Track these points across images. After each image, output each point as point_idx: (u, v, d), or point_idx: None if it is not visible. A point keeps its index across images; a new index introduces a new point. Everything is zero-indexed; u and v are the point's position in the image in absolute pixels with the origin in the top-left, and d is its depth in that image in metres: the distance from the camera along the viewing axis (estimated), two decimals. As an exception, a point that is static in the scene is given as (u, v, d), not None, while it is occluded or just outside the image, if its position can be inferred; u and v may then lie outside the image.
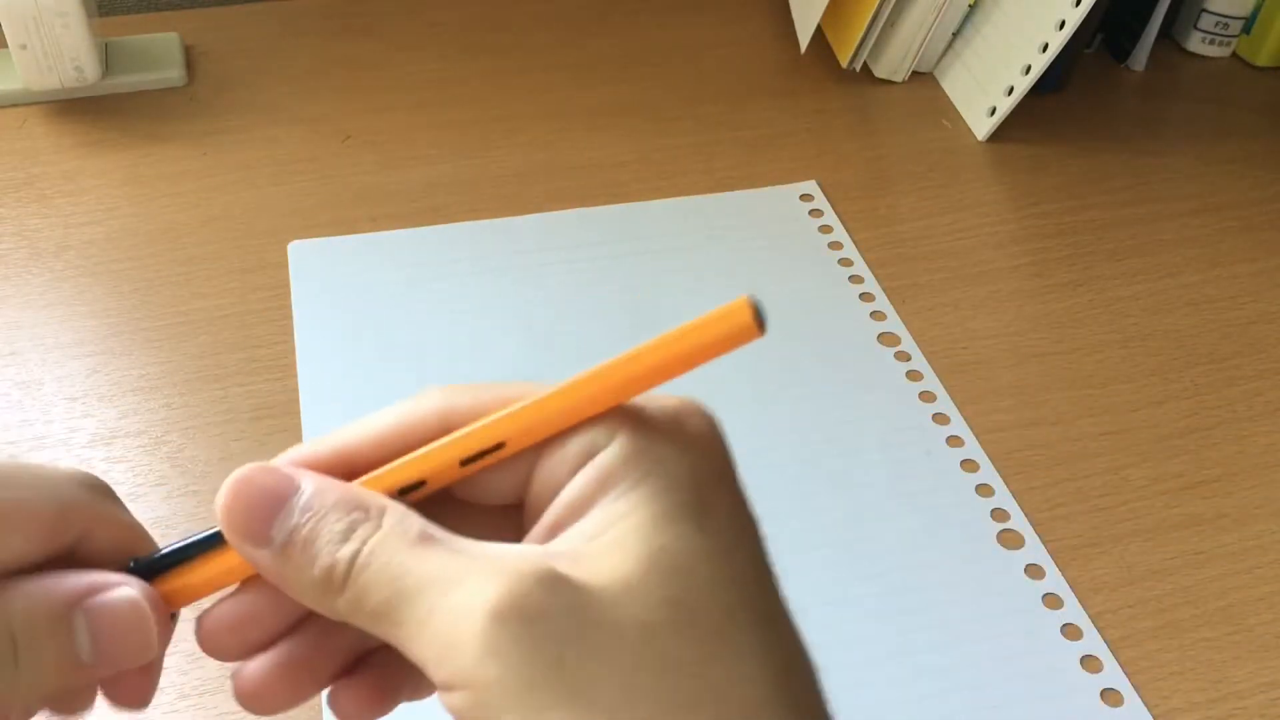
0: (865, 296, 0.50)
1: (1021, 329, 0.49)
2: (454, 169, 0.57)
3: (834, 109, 0.62)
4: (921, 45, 0.63)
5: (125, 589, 0.23)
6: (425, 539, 0.22)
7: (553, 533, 0.23)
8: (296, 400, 0.44)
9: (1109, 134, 0.62)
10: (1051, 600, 0.38)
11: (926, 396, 0.45)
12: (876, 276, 0.50)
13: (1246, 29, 0.67)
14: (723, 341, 0.23)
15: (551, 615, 0.20)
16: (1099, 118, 0.63)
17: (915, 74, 0.65)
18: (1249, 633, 0.37)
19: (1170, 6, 0.63)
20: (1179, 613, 0.38)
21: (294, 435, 0.42)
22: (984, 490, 0.41)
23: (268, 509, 0.22)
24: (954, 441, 0.43)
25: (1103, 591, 0.38)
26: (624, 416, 0.23)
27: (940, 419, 0.44)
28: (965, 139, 0.60)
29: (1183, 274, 0.52)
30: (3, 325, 0.47)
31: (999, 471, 0.42)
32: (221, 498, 0.22)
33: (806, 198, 0.54)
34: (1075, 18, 0.55)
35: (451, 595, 0.21)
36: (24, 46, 0.57)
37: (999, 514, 0.41)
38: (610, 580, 0.21)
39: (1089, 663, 0.36)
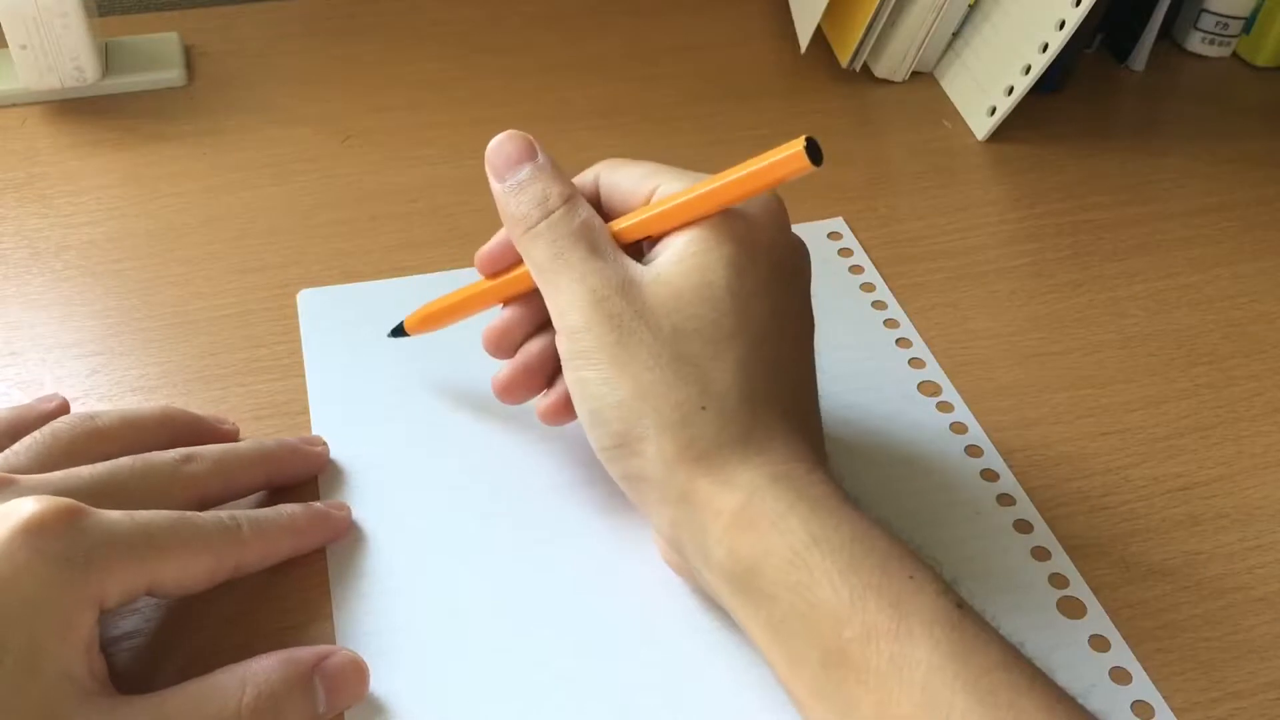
0: (865, 287, 0.50)
1: (1021, 329, 0.49)
2: (454, 169, 0.57)
3: (834, 109, 0.62)
4: (921, 45, 0.63)
5: (345, 652, 0.34)
6: (585, 229, 0.35)
7: (653, 258, 0.35)
8: (298, 399, 0.44)
9: (1109, 134, 0.62)
10: (1051, 600, 0.38)
11: (929, 389, 0.45)
12: (883, 276, 0.51)
13: (1246, 29, 0.67)
14: (783, 175, 0.34)
15: (619, 310, 0.33)
16: (1099, 118, 0.63)
17: (915, 74, 0.65)
18: (1249, 633, 0.37)
19: (1170, 6, 0.63)
20: (1179, 613, 0.38)
21: (295, 435, 0.42)
22: (989, 478, 0.41)
23: (510, 160, 0.36)
24: (958, 428, 0.43)
25: (1102, 591, 0.38)
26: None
27: (950, 415, 0.44)
28: (965, 139, 0.60)
29: (1183, 274, 0.52)
30: (3, 325, 0.47)
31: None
32: (491, 143, 0.37)
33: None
34: (1075, 18, 0.55)
35: (574, 284, 0.34)
36: (24, 46, 0.57)
37: (1005, 500, 0.41)
38: (667, 294, 0.33)
39: (1089, 663, 0.36)
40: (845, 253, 0.52)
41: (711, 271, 0.33)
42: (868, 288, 0.50)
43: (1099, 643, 0.36)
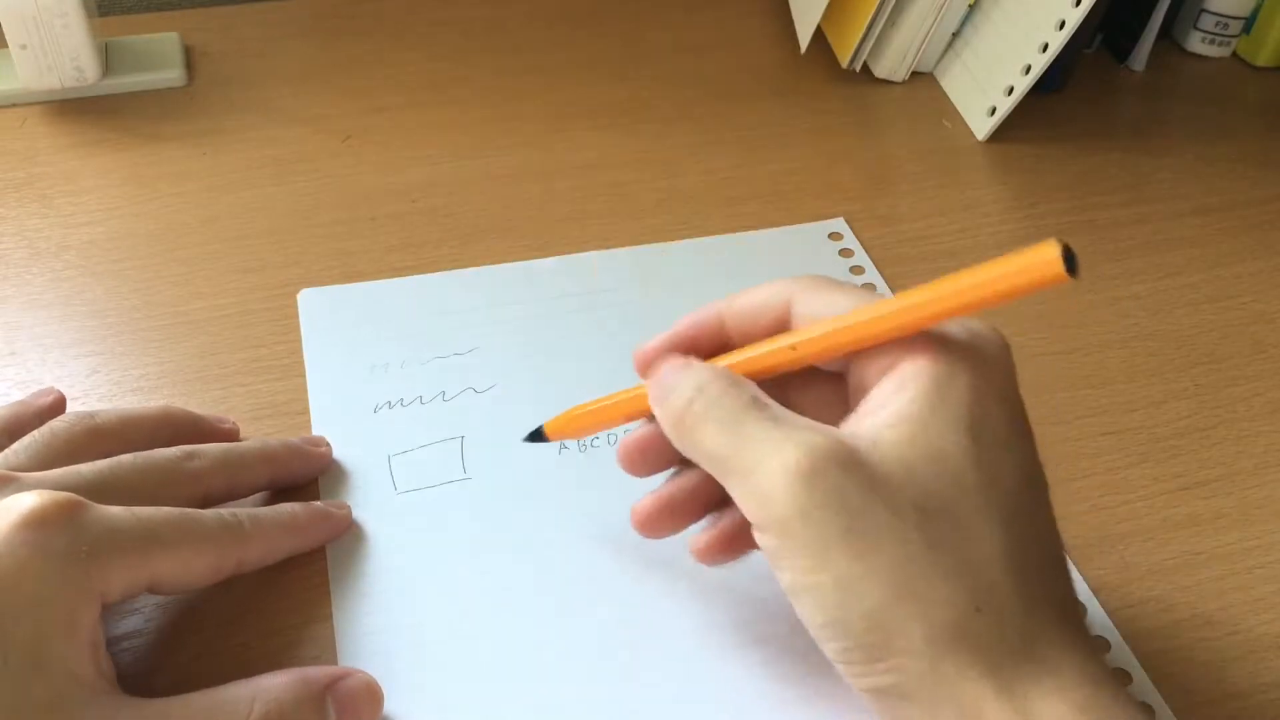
0: (866, 287, 0.49)
1: (1021, 329, 0.49)
2: (454, 169, 0.57)
3: (834, 109, 0.62)
4: (921, 45, 0.63)
5: (360, 674, 0.33)
6: (755, 403, 0.29)
7: (860, 421, 0.28)
8: (298, 399, 0.44)
9: (1109, 134, 0.62)
10: (1052, 600, 0.38)
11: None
12: (884, 276, 0.51)
13: (1246, 29, 0.67)
14: (1028, 285, 0.27)
15: (840, 486, 0.26)
16: (1099, 118, 0.63)
17: (915, 74, 0.65)
18: (1249, 633, 0.37)
19: (1170, 6, 0.63)
20: (1179, 613, 0.38)
21: (295, 435, 0.42)
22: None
23: (651, 359, 0.32)
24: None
25: (1102, 591, 0.38)
26: (927, 334, 0.29)
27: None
28: (965, 139, 0.60)
29: (1183, 274, 0.52)
30: (3, 325, 0.47)
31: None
32: (639, 353, 0.33)
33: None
34: (1075, 18, 0.55)
35: (771, 458, 0.27)
36: (24, 46, 0.57)
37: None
38: (896, 467, 0.27)
39: (1089, 663, 0.36)
40: (846, 253, 0.52)
41: (943, 437, 0.27)
42: (869, 288, 0.50)
43: (1099, 643, 0.36)
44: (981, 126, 0.60)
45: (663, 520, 0.33)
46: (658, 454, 0.33)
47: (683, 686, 0.35)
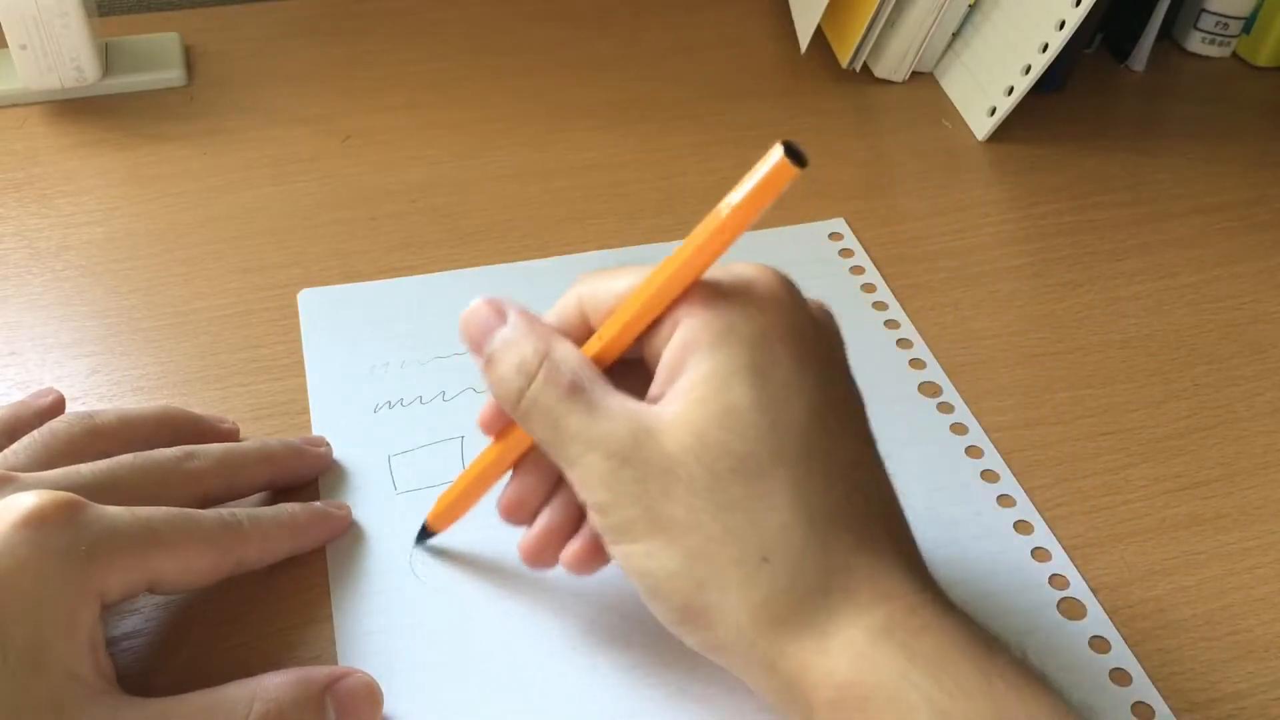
0: (866, 288, 0.50)
1: (1021, 329, 0.49)
2: (454, 169, 0.57)
3: (834, 109, 0.62)
4: (921, 45, 0.63)
5: (360, 674, 0.33)
6: (573, 390, 0.30)
7: (661, 390, 0.30)
8: (298, 399, 0.43)
9: (1109, 134, 0.62)
10: (1052, 600, 0.38)
11: (929, 389, 0.45)
12: (884, 276, 0.51)
13: (1246, 29, 0.67)
14: (766, 190, 0.28)
15: (641, 472, 0.28)
16: (1099, 118, 0.63)
17: (915, 74, 0.65)
18: (1249, 633, 0.37)
19: (1170, 6, 0.63)
20: (1179, 613, 0.38)
21: (295, 435, 0.42)
22: (989, 478, 0.41)
23: (483, 329, 0.32)
24: (958, 429, 0.43)
25: (1102, 591, 0.38)
26: (702, 290, 0.30)
27: (950, 416, 0.44)
28: (965, 139, 0.60)
29: (1183, 274, 0.52)
30: (3, 325, 0.47)
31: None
32: (460, 319, 0.32)
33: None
34: (1075, 18, 0.55)
35: (585, 455, 0.29)
36: (24, 46, 0.57)
37: (1005, 501, 0.41)
38: (689, 435, 0.28)
39: (1089, 663, 0.36)
40: (846, 253, 0.52)
41: (730, 391, 0.28)
42: (869, 288, 0.50)
43: (1099, 643, 0.36)
44: (981, 126, 0.60)
45: (545, 552, 0.34)
46: (529, 506, 0.34)
47: (678, 680, 0.35)
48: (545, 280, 0.49)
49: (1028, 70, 0.57)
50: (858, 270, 0.51)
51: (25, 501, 0.29)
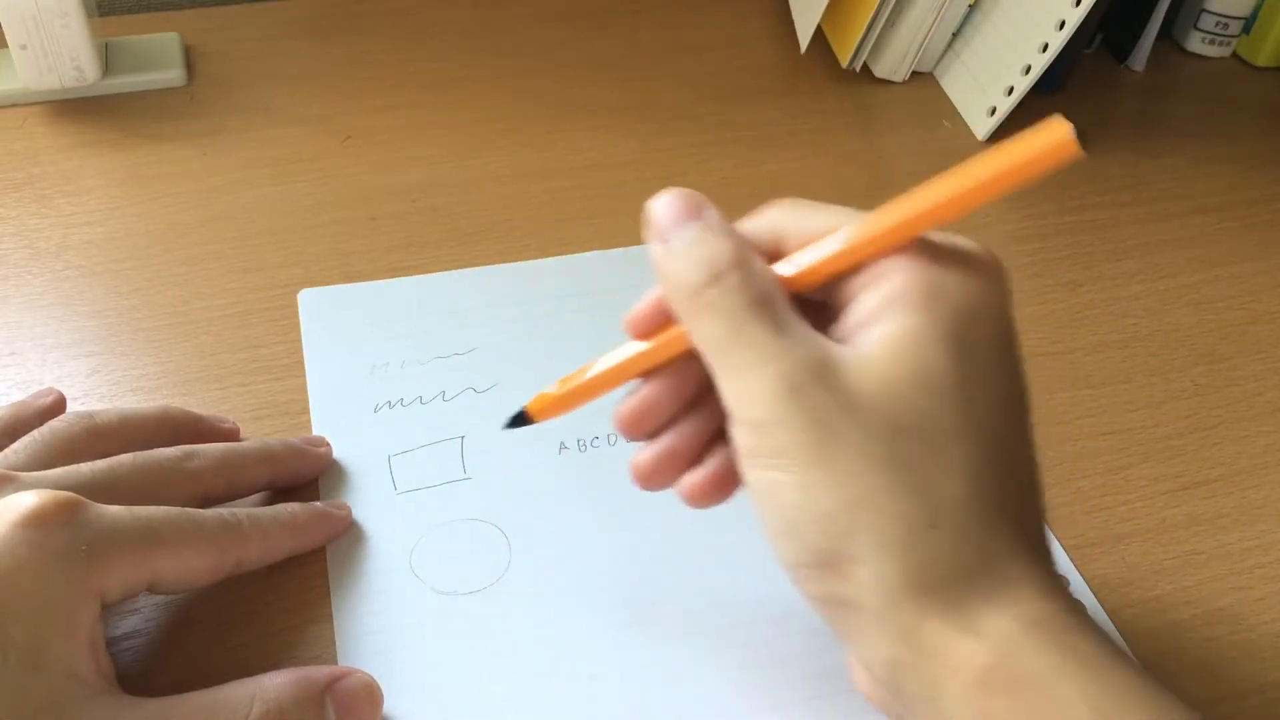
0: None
1: (1022, 329, 0.48)
2: (454, 169, 0.57)
3: (834, 109, 0.62)
4: (921, 45, 0.63)
5: (360, 674, 0.33)
6: (761, 300, 0.28)
7: (849, 333, 0.28)
8: (298, 400, 0.43)
9: (1109, 134, 0.62)
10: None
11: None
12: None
13: (1246, 29, 0.67)
14: (1036, 162, 0.26)
15: (820, 402, 0.27)
16: (1099, 118, 0.63)
17: (915, 74, 0.65)
18: (1249, 633, 0.37)
19: (1170, 6, 0.63)
20: (1179, 613, 0.38)
21: (295, 435, 0.42)
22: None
23: (675, 218, 0.30)
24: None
25: (1102, 591, 0.38)
26: (919, 247, 0.29)
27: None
28: (965, 139, 0.60)
29: (1183, 274, 0.52)
30: (3, 325, 0.47)
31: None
32: (652, 201, 0.31)
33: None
34: (1075, 18, 0.55)
35: (763, 366, 0.27)
36: (24, 46, 0.57)
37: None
38: (878, 383, 0.27)
39: (1089, 663, 0.36)
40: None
41: (931, 353, 0.27)
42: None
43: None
44: (981, 126, 0.60)
45: (664, 472, 0.32)
46: (658, 418, 0.32)
47: (677, 677, 0.35)
48: (545, 280, 0.49)
49: (1028, 70, 0.57)
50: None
51: (25, 501, 0.29)
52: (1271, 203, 0.57)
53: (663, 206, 0.31)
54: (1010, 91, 0.58)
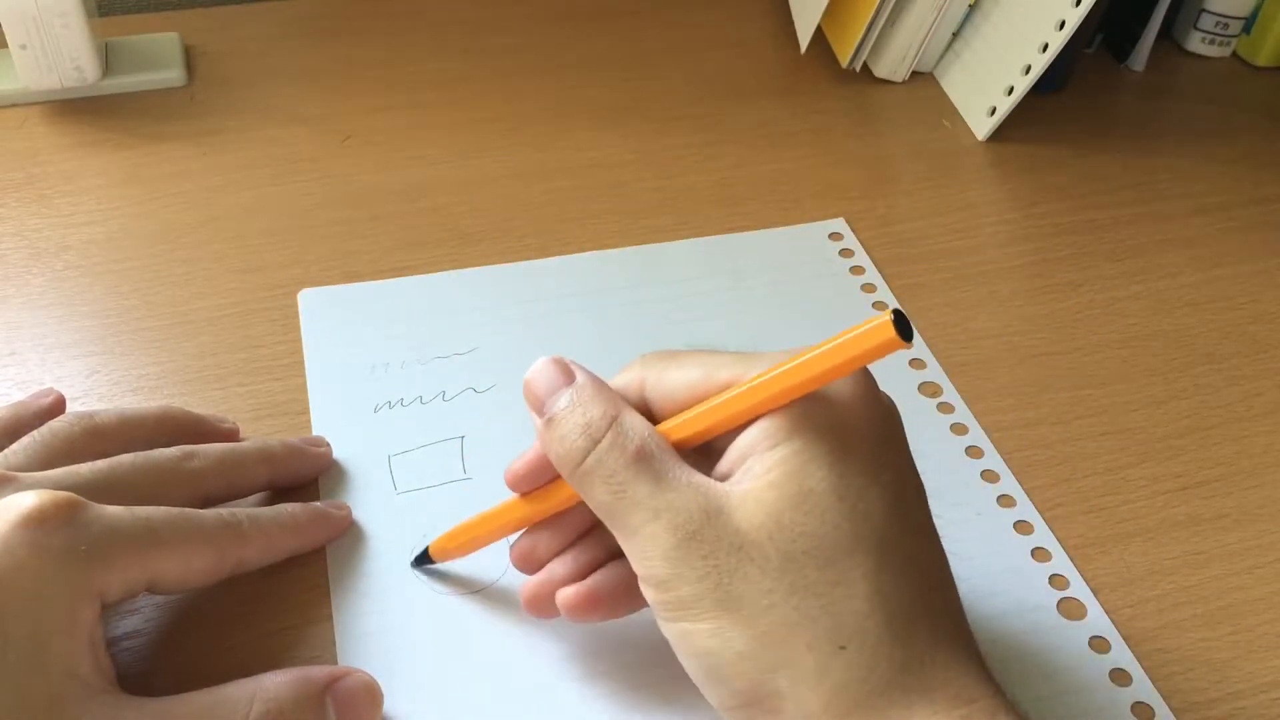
0: (866, 288, 0.50)
1: (1021, 329, 0.49)
2: (454, 169, 0.57)
3: (834, 109, 0.62)
4: (921, 45, 0.63)
5: (360, 674, 0.33)
6: (641, 456, 0.29)
7: (730, 469, 0.29)
8: (298, 400, 0.44)
9: (1109, 134, 0.62)
10: (1052, 600, 0.38)
11: (929, 389, 0.45)
12: (884, 276, 0.51)
13: (1246, 29, 0.67)
14: (870, 354, 0.28)
15: (711, 548, 0.28)
16: (1099, 118, 0.63)
17: (915, 74, 0.65)
18: (1249, 633, 0.37)
19: (1170, 6, 0.63)
20: (1179, 613, 0.38)
21: (295, 435, 0.42)
22: (989, 478, 0.41)
23: (548, 387, 0.31)
24: (958, 429, 0.43)
25: (1102, 591, 0.38)
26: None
27: (950, 416, 0.44)
28: (965, 139, 0.60)
29: (1183, 274, 0.52)
30: (3, 325, 0.47)
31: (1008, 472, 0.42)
32: (526, 376, 0.32)
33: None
34: (1075, 18, 0.55)
35: (647, 525, 0.28)
36: (24, 46, 0.57)
37: (1005, 501, 0.41)
38: (764, 516, 0.28)
39: (1089, 663, 0.36)
40: (846, 253, 0.52)
41: (809, 476, 0.28)
42: (869, 288, 0.50)
43: (1099, 643, 0.36)
44: (981, 126, 0.60)
45: (546, 599, 0.34)
46: (540, 557, 0.34)
47: (677, 677, 0.35)
48: (545, 280, 0.49)
49: (1028, 70, 0.57)
50: (858, 270, 0.51)
51: (25, 501, 0.29)
52: (1271, 203, 0.57)
53: (535, 379, 0.32)
54: (1010, 91, 0.58)
